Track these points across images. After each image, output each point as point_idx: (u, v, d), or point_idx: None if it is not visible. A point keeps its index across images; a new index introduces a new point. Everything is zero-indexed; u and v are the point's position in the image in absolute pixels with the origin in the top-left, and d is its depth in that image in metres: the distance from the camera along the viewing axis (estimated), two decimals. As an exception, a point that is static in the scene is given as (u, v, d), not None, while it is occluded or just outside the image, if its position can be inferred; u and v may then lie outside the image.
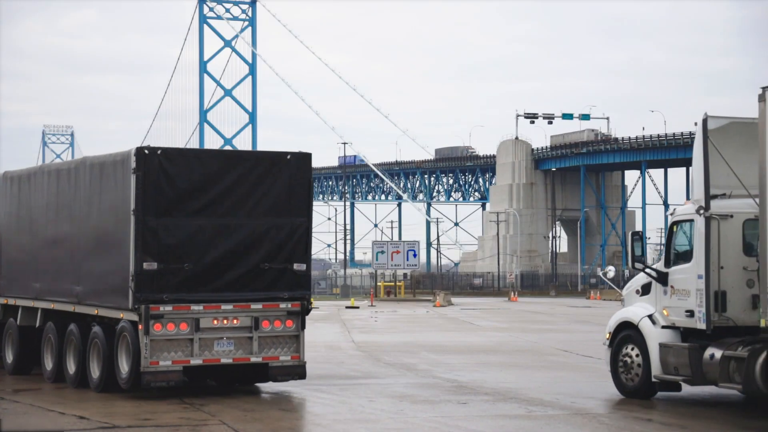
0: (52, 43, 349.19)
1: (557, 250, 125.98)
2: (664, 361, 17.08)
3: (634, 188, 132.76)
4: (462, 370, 23.14)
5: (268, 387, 19.64)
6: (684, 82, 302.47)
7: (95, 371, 18.44)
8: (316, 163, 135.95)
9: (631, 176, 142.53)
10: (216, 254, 17.67)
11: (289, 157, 18.34)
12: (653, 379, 17.41)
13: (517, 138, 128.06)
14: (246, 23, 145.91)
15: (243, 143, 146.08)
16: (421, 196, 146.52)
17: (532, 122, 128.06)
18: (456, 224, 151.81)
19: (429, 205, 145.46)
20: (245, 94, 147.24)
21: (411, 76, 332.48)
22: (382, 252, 78.08)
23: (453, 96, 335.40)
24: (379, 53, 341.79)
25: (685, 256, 17.12)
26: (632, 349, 17.75)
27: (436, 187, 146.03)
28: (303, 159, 18.44)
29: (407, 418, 15.91)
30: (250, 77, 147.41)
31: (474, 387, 19.80)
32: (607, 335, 18.51)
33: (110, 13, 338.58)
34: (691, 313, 16.71)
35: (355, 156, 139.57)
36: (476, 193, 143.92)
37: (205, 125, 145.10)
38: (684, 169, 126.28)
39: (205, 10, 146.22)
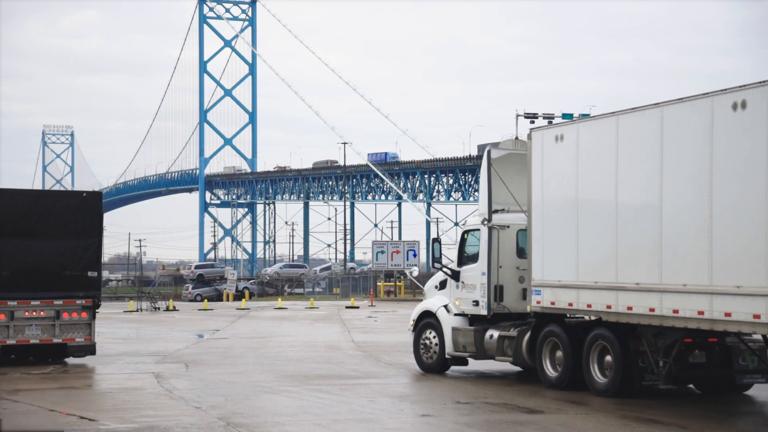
0: (53, 44, 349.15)
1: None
2: (455, 341, 21.39)
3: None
4: (462, 370, 23.19)
5: (268, 386, 19.70)
6: (685, 83, 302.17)
7: None
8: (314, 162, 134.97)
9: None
10: (28, 265, 23.78)
11: (84, 194, 25.17)
12: (447, 356, 21.68)
13: (517, 138, 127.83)
14: (246, 23, 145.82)
15: (243, 143, 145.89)
16: (421, 196, 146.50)
17: (532, 122, 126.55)
18: (456, 224, 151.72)
19: (429, 205, 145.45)
20: (245, 93, 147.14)
21: (411, 77, 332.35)
22: (382, 252, 78.01)
23: (453, 96, 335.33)
24: (379, 53, 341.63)
25: (473, 258, 21.26)
26: (431, 333, 21.99)
27: (436, 187, 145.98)
28: (96, 195, 25.45)
29: (407, 418, 16.00)
30: (250, 77, 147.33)
31: (474, 386, 19.85)
32: (412, 322, 22.67)
33: (110, 13, 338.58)
34: (476, 303, 21.05)
35: (386, 153, 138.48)
36: (476, 193, 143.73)
37: (205, 125, 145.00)
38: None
39: (205, 10, 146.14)
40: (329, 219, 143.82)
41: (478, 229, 21.03)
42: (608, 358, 17.93)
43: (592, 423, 15.59)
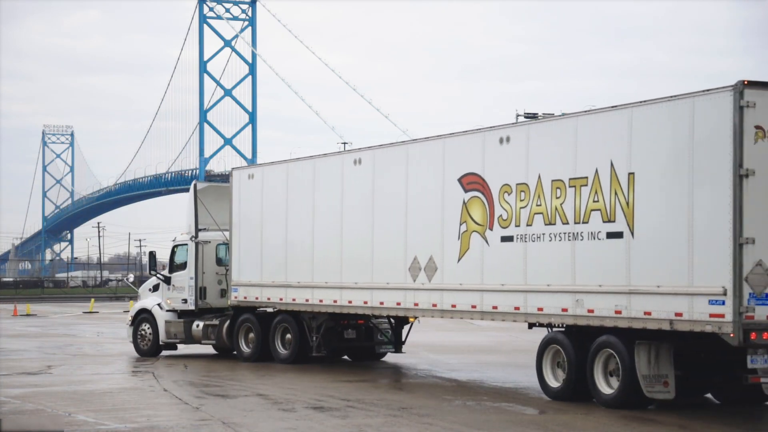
0: (53, 44, 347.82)
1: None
2: (168, 331, 26.89)
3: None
4: (462, 370, 23.34)
5: (269, 385, 19.79)
6: (685, 82, 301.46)
7: None
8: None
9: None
10: None
11: None
12: (161, 343, 27.08)
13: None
14: (246, 23, 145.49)
15: (243, 143, 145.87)
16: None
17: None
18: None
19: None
20: (245, 94, 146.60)
21: (412, 77, 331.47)
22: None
23: (454, 96, 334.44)
24: (380, 53, 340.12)
25: (182, 266, 27.07)
26: (146, 326, 27.42)
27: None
28: None
29: (408, 418, 15.87)
30: (250, 77, 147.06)
31: (474, 387, 20.01)
32: (130, 318, 27.93)
33: (111, 14, 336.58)
34: (185, 301, 26.83)
35: None
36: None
37: (205, 125, 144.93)
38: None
39: (205, 9, 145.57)
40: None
41: (186, 244, 26.93)
42: (288, 336, 24.36)
43: (592, 423, 15.59)
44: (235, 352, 25.80)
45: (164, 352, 27.59)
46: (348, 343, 24.45)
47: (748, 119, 14.73)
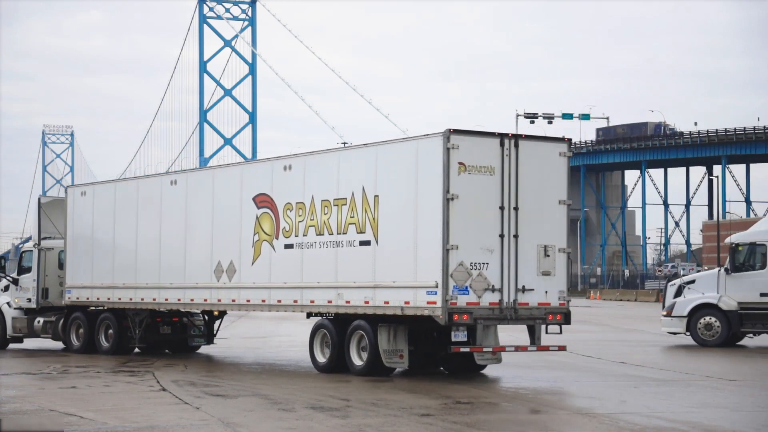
0: (54, 44, 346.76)
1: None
2: (14, 326, 30.64)
3: (633, 188, 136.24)
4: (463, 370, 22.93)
5: (269, 386, 20.06)
6: (685, 83, 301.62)
7: None
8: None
9: (631, 176, 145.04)
10: None
11: None
12: (8, 337, 30.89)
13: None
14: (246, 23, 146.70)
15: (243, 143, 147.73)
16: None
17: (532, 122, 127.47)
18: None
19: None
20: (245, 94, 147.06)
21: (412, 77, 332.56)
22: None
23: (454, 96, 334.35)
24: (380, 54, 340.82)
25: (28, 270, 30.74)
26: None
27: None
28: None
29: (408, 418, 15.90)
30: (250, 77, 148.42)
31: (474, 386, 20.19)
32: None
33: (111, 15, 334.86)
34: (30, 300, 30.40)
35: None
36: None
37: (205, 125, 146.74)
38: (684, 168, 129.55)
39: (205, 10, 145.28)
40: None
41: (32, 250, 30.88)
42: (110, 331, 28.31)
43: (594, 423, 15.63)
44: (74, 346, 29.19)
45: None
46: (164, 337, 28.55)
47: (454, 157, 19.78)
